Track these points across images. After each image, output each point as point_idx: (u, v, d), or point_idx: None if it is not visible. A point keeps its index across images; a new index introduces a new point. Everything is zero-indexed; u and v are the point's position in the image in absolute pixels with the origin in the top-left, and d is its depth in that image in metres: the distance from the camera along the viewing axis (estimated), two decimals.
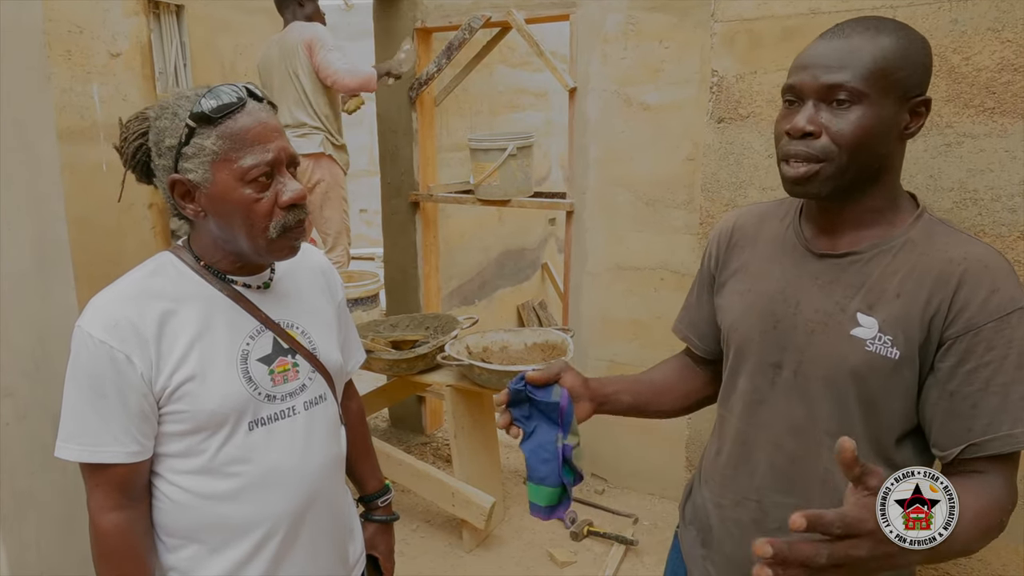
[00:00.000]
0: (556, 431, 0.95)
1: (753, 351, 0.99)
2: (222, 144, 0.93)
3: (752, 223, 1.08)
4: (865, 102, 0.85)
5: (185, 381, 0.94)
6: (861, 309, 0.89)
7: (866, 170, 0.88)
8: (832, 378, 0.90)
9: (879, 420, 0.89)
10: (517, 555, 2.58)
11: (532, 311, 5.10)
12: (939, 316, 0.84)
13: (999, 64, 1.22)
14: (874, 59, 0.84)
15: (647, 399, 1.13)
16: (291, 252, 1.01)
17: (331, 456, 1.10)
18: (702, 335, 1.15)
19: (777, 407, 0.96)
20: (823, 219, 0.96)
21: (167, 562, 1.01)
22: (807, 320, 0.93)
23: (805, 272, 0.96)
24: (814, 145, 0.87)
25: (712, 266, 1.12)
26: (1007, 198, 1.24)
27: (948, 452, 0.86)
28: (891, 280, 0.88)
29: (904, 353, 0.86)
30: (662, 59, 2.63)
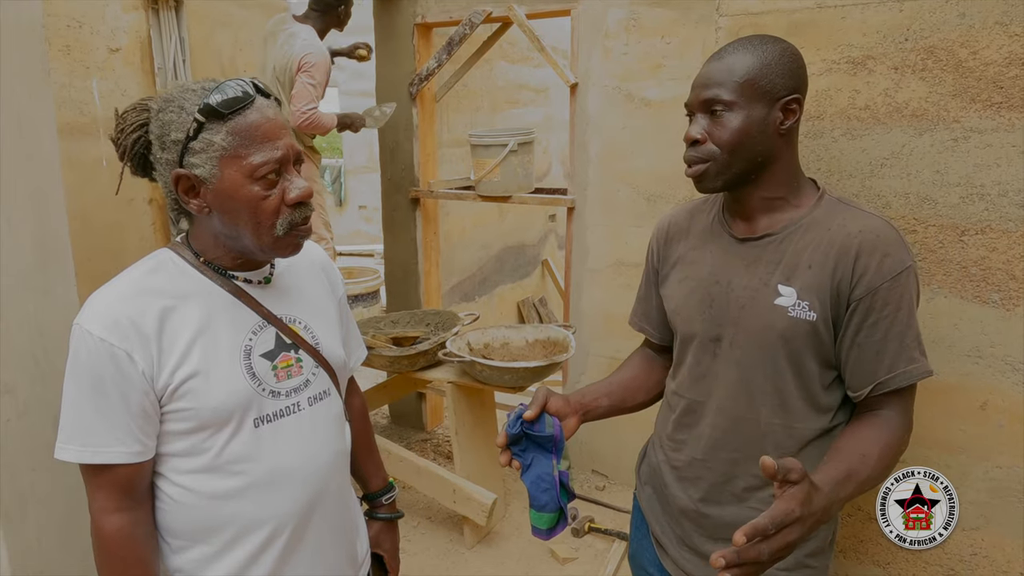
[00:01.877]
0: (551, 459, 1.05)
1: (696, 330, 1.13)
2: (232, 140, 0.91)
3: (684, 219, 1.23)
4: (735, 109, 1.02)
5: (188, 378, 0.93)
6: (781, 281, 1.04)
7: (750, 164, 1.04)
8: (763, 343, 1.05)
9: (806, 374, 1.05)
10: (518, 552, 2.58)
11: (532, 307, 5.09)
12: (844, 281, 1.00)
13: (1007, 58, 1.21)
14: (739, 74, 1.02)
15: (622, 397, 1.25)
16: (295, 249, 1.00)
17: (336, 453, 1.09)
18: (656, 324, 1.29)
19: (719, 376, 1.11)
20: (737, 208, 1.12)
21: (172, 564, 1.00)
22: (737, 296, 1.08)
23: (732, 255, 1.11)
24: (701, 149, 1.05)
25: (655, 261, 1.26)
26: (1014, 193, 1.24)
27: (860, 392, 1.03)
28: (803, 254, 1.03)
29: (819, 315, 1.01)
30: (664, 55, 2.62)
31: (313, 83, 2.75)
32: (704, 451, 1.13)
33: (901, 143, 1.34)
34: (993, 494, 1.37)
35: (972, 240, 1.31)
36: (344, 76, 8.37)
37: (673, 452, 1.19)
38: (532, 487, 1.04)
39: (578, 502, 2.88)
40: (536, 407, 1.05)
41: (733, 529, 1.05)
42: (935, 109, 1.29)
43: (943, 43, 1.26)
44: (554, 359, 2.46)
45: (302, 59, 2.75)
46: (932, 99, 1.30)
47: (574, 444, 3.16)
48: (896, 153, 1.34)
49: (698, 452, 1.14)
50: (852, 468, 0.94)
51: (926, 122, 1.31)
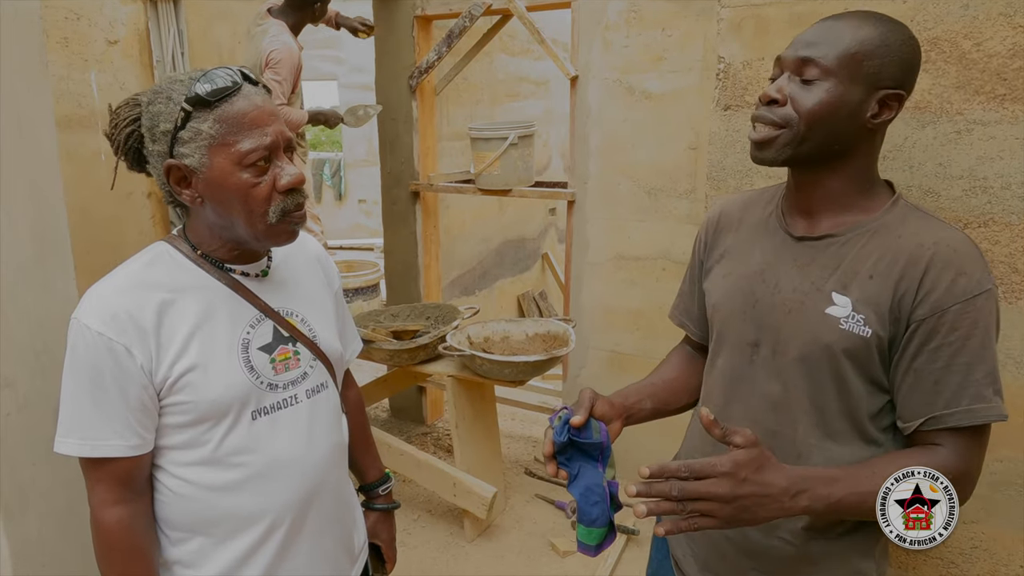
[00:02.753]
0: (598, 468, 0.96)
1: (733, 330, 1.04)
2: (219, 128, 0.91)
3: (737, 209, 1.13)
4: (831, 80, 0.90)
5: (186, 371, 0.93)
6: (836, 288, 0.93)
7: (824, 147, 0.93)
8: (807, 355, 0.95)
9: (852, 395, 0.94)
10: (518, 545, 2.59)
11: (532, 301, 5.09)
12: (908, 297, 0.89)
13: (1011, 50, 1.20)
14: (849, 43, 0.89)
15: (665, 400, 1.15)
16: (290, 237, 0.99)
17: (334, 445, 1.09)
18: (697, 320, 1.19)
19: (755, 384, 1.01)
20: (799, 201, 1.01)
21: (171, 556, 1.00)
22: (785, 299, 0.98)
23: (785, 254, 1.01)
24: (778, 111, 0.93)
25: (701, 252, 1.17)
26: (1017, 186, 1.23)
27: (909, 424, 0.91)
28: (865, 262, 0.93)
29: (875, 331, 0.90)
30: (664, 47, 2.61)
31: (278, 79, 2.75)
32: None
33: (904, 135, 1.33)
34: (994, 487, 1.37)
35: (975, 233, 1.30)
36: (343, 70, 8.34)
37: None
38: (582, 500, 0.94)
39: None
40: (584, 412, 0.96)
41: (759, 559, 1.01)
42: (938, 101, 1.29)
43: (947, 34, 1.26)
44: (554, 353, 2.46)
45: (268, 55, 2.75)
46: (935, 91, 1.29)
47: None
48: (899, 146, 1.34)
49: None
50: (850, 474, 0.86)
51: (929, 114, 1.30)
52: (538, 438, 3.45)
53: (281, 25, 2.82)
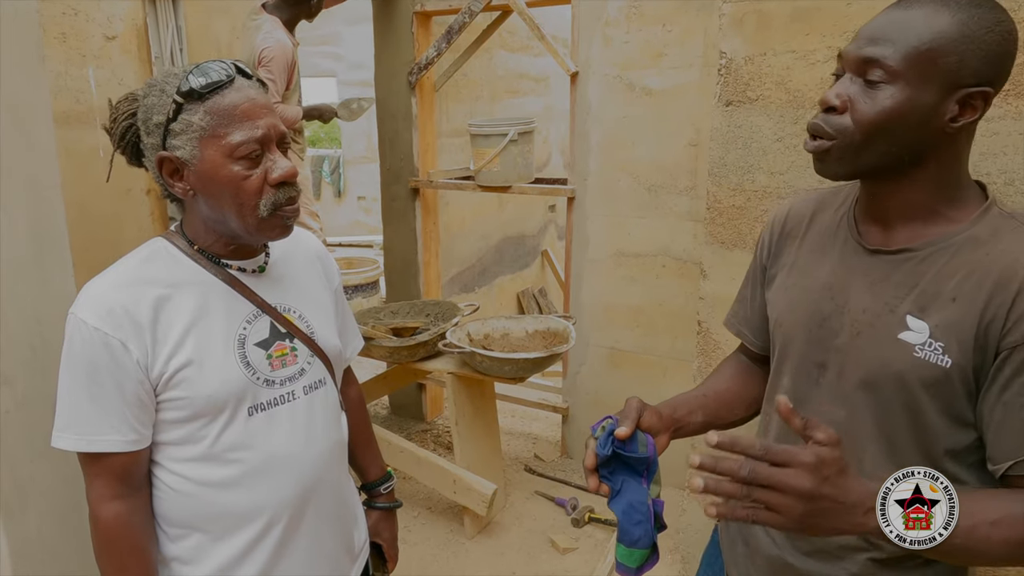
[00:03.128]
0: (642, 483, 0.90)
1: (797, 349, 0.95)
2: (210, 120, 0.91)
3: (806, 211, 1.02)
4: (899, 84, 0.78)
5: (182, 367, 0.93)
6: (912, 311, 0.83)
7: (890, 156, 0.82)
8: (874, 383, 0.85)
9: (926, 430, 0.84)
10: (518, 542, 2.59)
11: (532, 298, 5.09)
12: (997, 322, 0.78)
13: None
14: (921, 38, 0.77)
15: (717, 412, 1.07)
16: (283, 231, 0.99)
17: (333, 442, 1.09)
18: (756, 330, 1.09)
19: (819, 408, 0.91)
20: (874, 208, 0.90)
21: (170, 552, 1.00)
22: (854, 320, 0.88)
23: (855, 268, 0.90)
24: (831, 121, 0.83)
25: (764, 257, 1.06)
26: (1020, 182, 1.23)
27: (999, 466, 0.80)
28: (947, 282, 0.81)
29: (956, 361, 0.80)
30: (665, 43, 2.60)
31: (271, 77, 2.74)
32: None
33: None
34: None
35: None
36: (342, 66, 8.32)
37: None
38: (624, 518, 0.89)
39: (578, 492, 2.88)
40: (631, 423, 0.89)
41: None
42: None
43: None
44: (554, 350, 2.46)
45: (261, 53, 2.74)
46: None
47: (576, 435, 3.16)
48: None
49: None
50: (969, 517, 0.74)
51: None
52: (538, 435, 3.45)
53: (275, 21, 2.81)
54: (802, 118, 1.41)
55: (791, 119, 1.43)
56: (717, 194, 1.54)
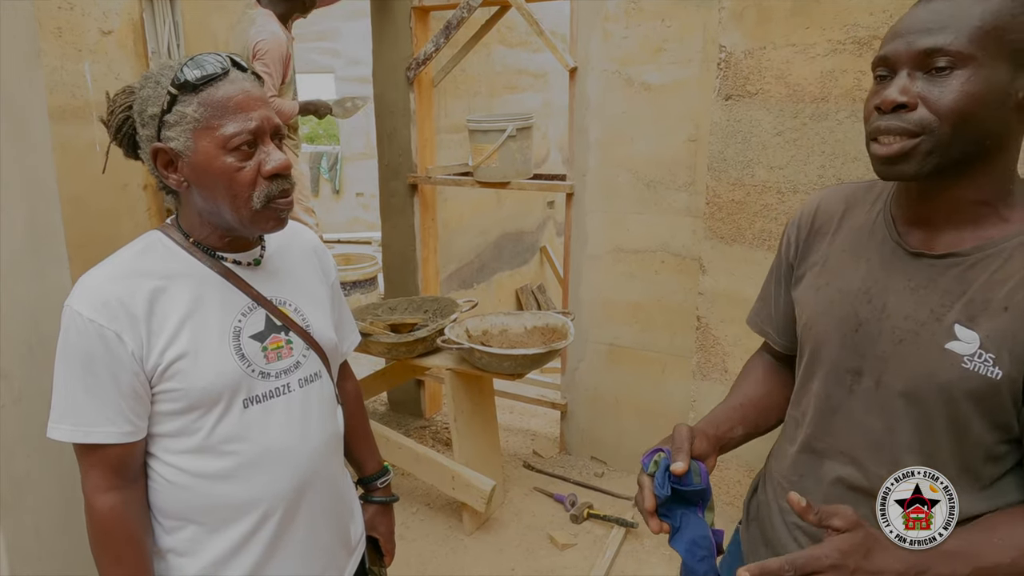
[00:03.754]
0: (699, 515, 0.88)
1: (830, 354, 0.91)
2: (204, 111, 0.91)
3: (837, 208, 0.97)
4: (971, 65, 0.74)
5: (177, 359, 0.93)
6: (960, 320, 0.78)
7: (974, 147, 0.77)
8: (917, 394, 0.81)
9: (970, 445, 0.80)
10: (517, 538, 2.59)
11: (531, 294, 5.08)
12: None
13: None
14: (982, 18, 0.73)
15: (756, 422, 1.05)
16: (277, 224, 0.99)
17: (328, 435, 1.09)
18: (780, 330, 1.06)
19: (853, 418, 0.88)
20: (919, 208, 0.84)
21: (165, 544, 1.00)
22: (895, 327, 0.84)
23: (895, 271, 0.86)
24: (908, 118, 0.76)
25: (791, 255, 1.02)
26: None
27: None
28: (999, 289, 0.77)
29: (1008, 373, 0.75)
30: (664, 38, 2.59)
31: (267, 71, 2.74)
32: (823, 500, 0.90)
33: None
34: None
35: None
36: (340, 62, 8.30)
37: (785, 493, 0.96)
38: (688, 556, 0.86)
39: (577, 488, 2.88)
40: (685, 457, 0.86)
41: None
42: None
43: None
44: (552, 346, 2.45)
45: (255, 46, 2.74)
46: None
47: (574, 431, 3.16)
48: None
49: (815, 499, 0.90)
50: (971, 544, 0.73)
51: None
52: (536, 431, 3.45)
53: (269, 15, 2.80)
54: (802, 112, 1.40)
55: (791, 113, 1.42)
56: (716, 189, 1.53)
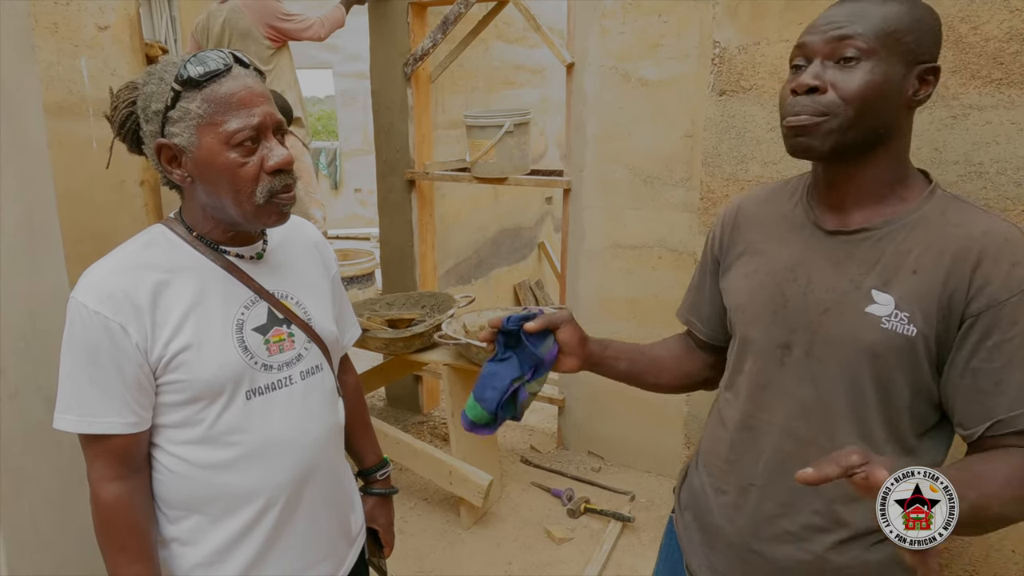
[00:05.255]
0: (524, 371, 0.98)
1: (761, 332, 0.97)
2: (207, 107, 0.92)
3: (756, 204, 1.06)
4: (874, 59, 0.84)
5: (181, 351, 0.94)
6: (876, 286, 0.87)
7: (871, 133, 0.87)
8: (846, 357, 0.88)
9: (894, 401, 0.88)
10: (514, 532, 2.60)
11: (529, 290, 5.09)
12: (959, 293, 0.83)
13: (1007, 33, 1.19)
14: (884, 19, 0.84)
15: (643, 370, 1.14)
16: (280, 218, 1.00)
17: (329, 426, 1.10)
18: (704, 319, 1.14)
19: (786, 389, 0.94)
20: (832, 194, 0.94)
21: (168, 533, 1.02)
22: (819, 299, 0.91)
23: (816, 250, 0.94)
24: (819, 100, 0.86)
25: (716, 249, 1.10)
26: (1013, 171, 1.23)
27: (973, 431, 0.84)
28: (907, 256, 0.87)
29: (921, 330, 0.84)
30: (661, 33, 2.59)
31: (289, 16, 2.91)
32: (761, 475, 0.96)
33: None
34: None
35: None
36: (339, 58, 8.28)
37: (722, 475, 1.03)
38: (483, 378, 0.98)
39: (574, 483, 2.89)
40: (542, 323, 0.97)
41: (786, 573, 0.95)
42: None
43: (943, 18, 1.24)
44: None
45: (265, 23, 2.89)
46: None
47: (571, 426, 3.17)
48: None
49: (754, 476, 0.97)
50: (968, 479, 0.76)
51: None
52: (534, 426, 3.47)
53: None
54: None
55: None
56: (711, 184, 1.54)
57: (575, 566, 2.40)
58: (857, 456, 0.70)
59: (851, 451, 0.71)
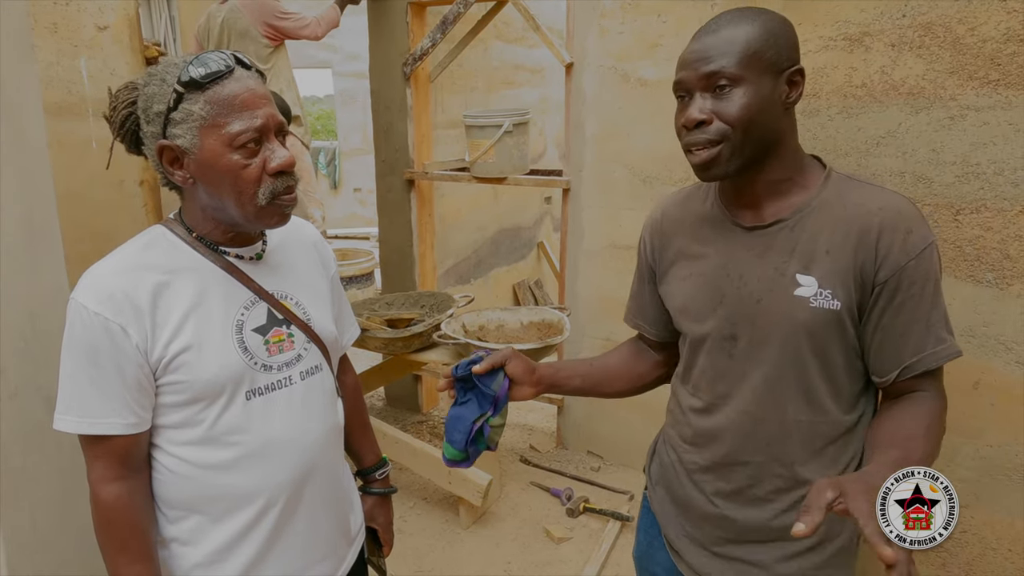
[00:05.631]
0: (484, 411, 1.07)
1: (707, 330, 1.06)
2: (210, 109, 0.92)
3: (677, 210, 1.15)
4: (743, 83, 0.93)
5: (181, 351, 0.94)
6: (798, 270, 0.97)
7: (762, 143, 0.96)
8: (785, 338, 0.98)
9: (832, 366, 0.99)
10: (513, 532, 2.60)
11: (528, 290, 5.09)
12: (868, 263, 0.94)
13: (1005, 35, 1.20)
14: (744, 44, 0.93)
15: (597, 382, 1.22)
16: (281, 220, 1.00)
17: (329, 426, 1.10)
18: (651, 321, 1.22)
19: (738, 376, 1.04)
20: (742, 195, 1.03)
21: (168, 533, 1.02)
22: (752, 290, 1.01)
23: (740, 246, 1.03)
24: (709, 130, 0.95)
25: (650, 257, 1.19)
26: (1010, 172, 1.23)
27: (886, 377, 0.98)
28: (818, 239, 0.97)
29: (843, 302, 0.95)
30: (660, 33, 2.59)
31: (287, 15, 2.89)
32: (727, 455, 1.07)
33: (897, 121, 1.33)
34: (983, 472, 1.38)
35: (967, 219, 1.30)
36: (338, 57, 8.27)
37: (689, 455, 1.13)
38: (449, 422, 1.08)
39: (573, 483, 2.90)
40: (488, 364, 1.06)
41: (759, 532, 1.07)
42: (932, 87, 1.29)
43: (941, 19, 1.25)
44: (548, 341, 2.46)
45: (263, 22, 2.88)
46: (929, 76, 1.29)
47: (571, 426, 3.18)
48: (892, 132, 1.34)
49: (720, 456, 1.08)
50: (906, 450, 0.89)
51: (923, 100, 1.30)
52: (533, 426, 3.47)
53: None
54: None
55: None
56: None
57: (574, 565, 2.40)
58: (830, 491, 0.76)
59: (822, 488, 0.76)
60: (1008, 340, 1.33)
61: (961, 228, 1.33)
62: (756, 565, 1.07)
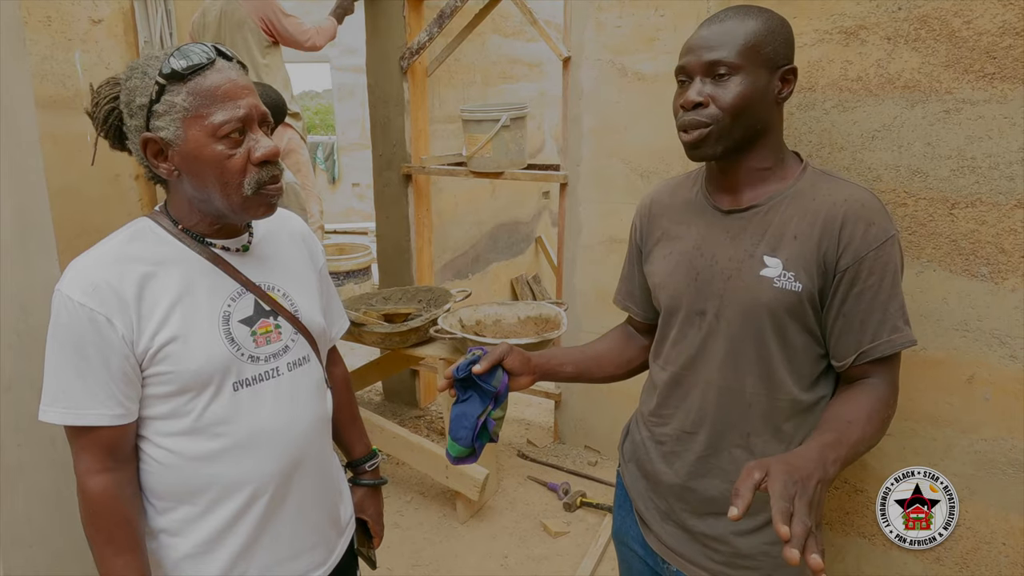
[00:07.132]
0: (486, 405, 1.10)
1: (681, 304, 1.13)
2: (192, 100, 0.92)
3: (666, 195, 1.23)
4: (741, 73, 1.00)
5: (167, 342, 0.94)
6: (766, 252, 1.04)
7: (749, 131, 1.03)
8: (749, 314, 1.05)
9: (791, 345, 1.05)
10: (511, 526, 2.61)
11: (526, 285, 5.09)
12: (830, 251, 1.00)
13: (1000, 28, 1.19)
14: (745, 37, 1.00)
15: (588, 367, 1.28)
16: (268, 210, 1.00)
17: (317, 417, 1.11)
18: (639, 303, 1.29)
19: (705, 348, 1.11)
20: (723, 180, 1.11)
21: (157, 524, 1.02)
22: (723, 269, 1.08)
23: (716, 228, 1.11)
24: (703, 112, 1.02)
25: (638, 239, 1.26)
26: (1005, 166, 1.23)
27: (844, 362, 1.04)
28: (788, 225, 1.03)
29: (805, 286, 1.01)
30: (657, 27, 2.58)
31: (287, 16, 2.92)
32: (691, 424, 1.14)
33: (893, 115, 1.32)
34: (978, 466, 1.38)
35: (962, 213, 1.30)
36: (336, 52, 8.25)
37: (658, 427, 1.20)
38: (455, 420, 1.10)
39: (570, 477, 2.90)
40: (487, 363, 1.09)
41: (719, 504, 1.10)
42: (928, 80, 1.28)
43: (937, 12, 1.25)
44: (545, 336, 2.46)
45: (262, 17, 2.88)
46: (925, 70, 1.28)
47: (568, 420, 3.18)
48: (888, 125, 1.33)
49: (686, 425, 1.15)
50: (841, 433, 0.95)
51: (918, 93, 1.29)
52: (531, 420, 3.47)
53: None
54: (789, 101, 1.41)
55: None
56: None
57: (571, 559, 2.41)
58: (756, 472, 0.80)
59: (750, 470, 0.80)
60: (1003, 334, 1.33)
61: (956, 222, 1.33)
62: (717, 539, 1.12)
